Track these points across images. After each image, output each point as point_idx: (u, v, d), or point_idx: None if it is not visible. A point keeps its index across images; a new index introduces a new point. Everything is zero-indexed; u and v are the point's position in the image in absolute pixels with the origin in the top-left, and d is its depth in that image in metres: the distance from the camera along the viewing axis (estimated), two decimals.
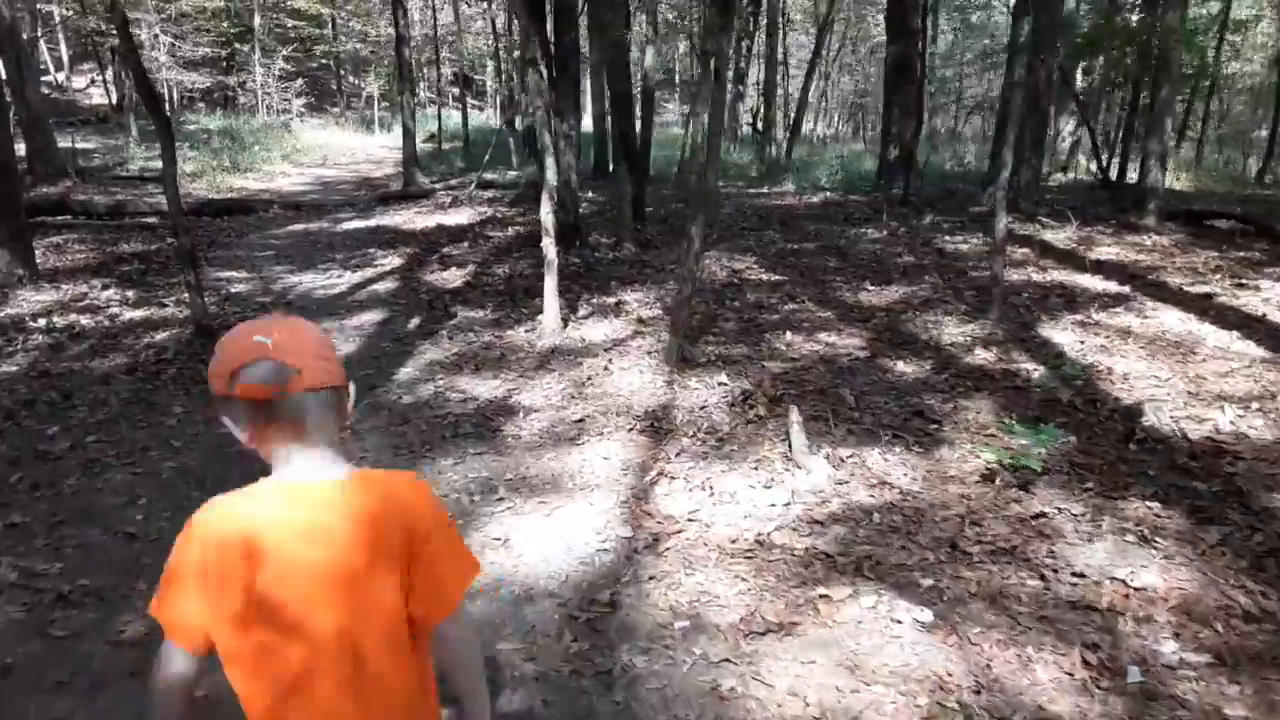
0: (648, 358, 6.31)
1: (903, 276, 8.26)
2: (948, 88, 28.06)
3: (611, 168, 18.29)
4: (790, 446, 4.52)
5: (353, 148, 25.82)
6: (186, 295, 7.86)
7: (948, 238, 9.96)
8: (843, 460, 4.42)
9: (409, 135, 17.08)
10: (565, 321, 7.25)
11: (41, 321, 8.08)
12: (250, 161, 21.11)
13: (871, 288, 7.90)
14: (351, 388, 1.43)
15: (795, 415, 4.56)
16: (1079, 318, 6.70)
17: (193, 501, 4.03)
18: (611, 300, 8.06)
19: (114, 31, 22.93)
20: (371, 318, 8.03)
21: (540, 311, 7.75)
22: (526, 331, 7.26)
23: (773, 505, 4.02)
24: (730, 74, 21.81)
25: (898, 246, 9.69)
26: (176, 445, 5.23)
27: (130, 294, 9.23)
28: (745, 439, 4.80)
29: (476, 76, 36.30)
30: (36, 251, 10.78)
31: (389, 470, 1.47)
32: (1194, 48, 14.32)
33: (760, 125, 26.07)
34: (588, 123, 18.11)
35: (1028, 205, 11.09)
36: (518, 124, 24.41)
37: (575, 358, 6.49)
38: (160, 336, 7.66)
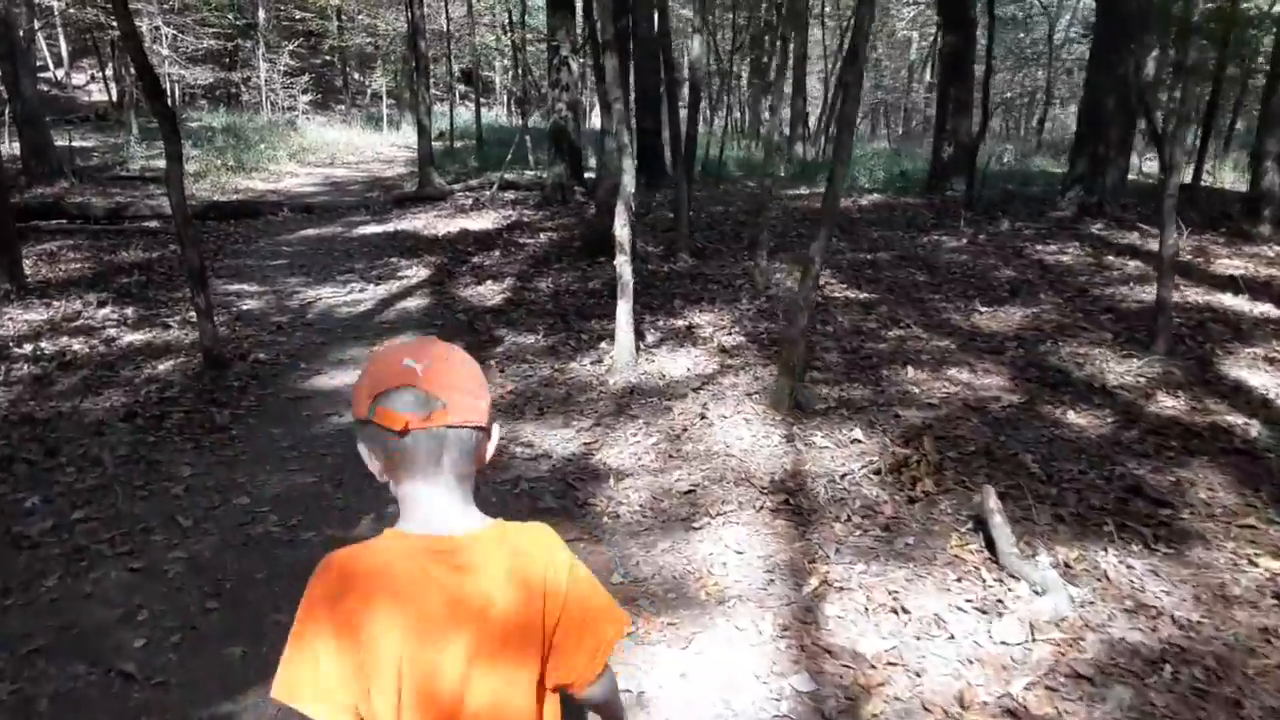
0: (749, 401, 5.18)
1: (1013, 295, 7.13)
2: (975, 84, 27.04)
3: (637, 166, 17.16)
4: (989, 544, 3.40)
5: (361, 146, 24.62)
6: (194, 317, 6.72)
7: (1039, 247, 8.83)
8: (1068, 567, 3.30)
9: (424, 133, 15.91)
10: (635, 349, 6.13)
11: (28, 347, 6.93)
12: (256, 161, 19.92)
13: (984, 309, 6.77)
14: (495, 430, 1.26)
15: (993, 502, 3.43)
16: (1259, 351, 5.58)
17: (208, 618, 2.75)
18: (681, 323, 6.94)
19: (114, 25, 21.78)
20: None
21: (601, 337, 6.63)
22: (592, 364, 6.13)
23: (1004, 644, 2.89)
24: (746, 70, 20.63)
25: (987, 257, 8.56)
26: (185, 525, 4.10)
27: (130, 312, 8.10)
28: (919, 527, 3.68)
29: (484, 73, 35.07)
30: (27, 262, 9.63)
31: (523, 524, 1.26)
32: None
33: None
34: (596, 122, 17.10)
35: (1113, 209, 9.98)
36: (532, 121, 23.27)
37: (659, 399, 5.37)
38: (164, 367, 6.53)
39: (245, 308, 8.39)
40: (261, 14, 28.34)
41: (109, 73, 27.36)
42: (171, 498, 4.39)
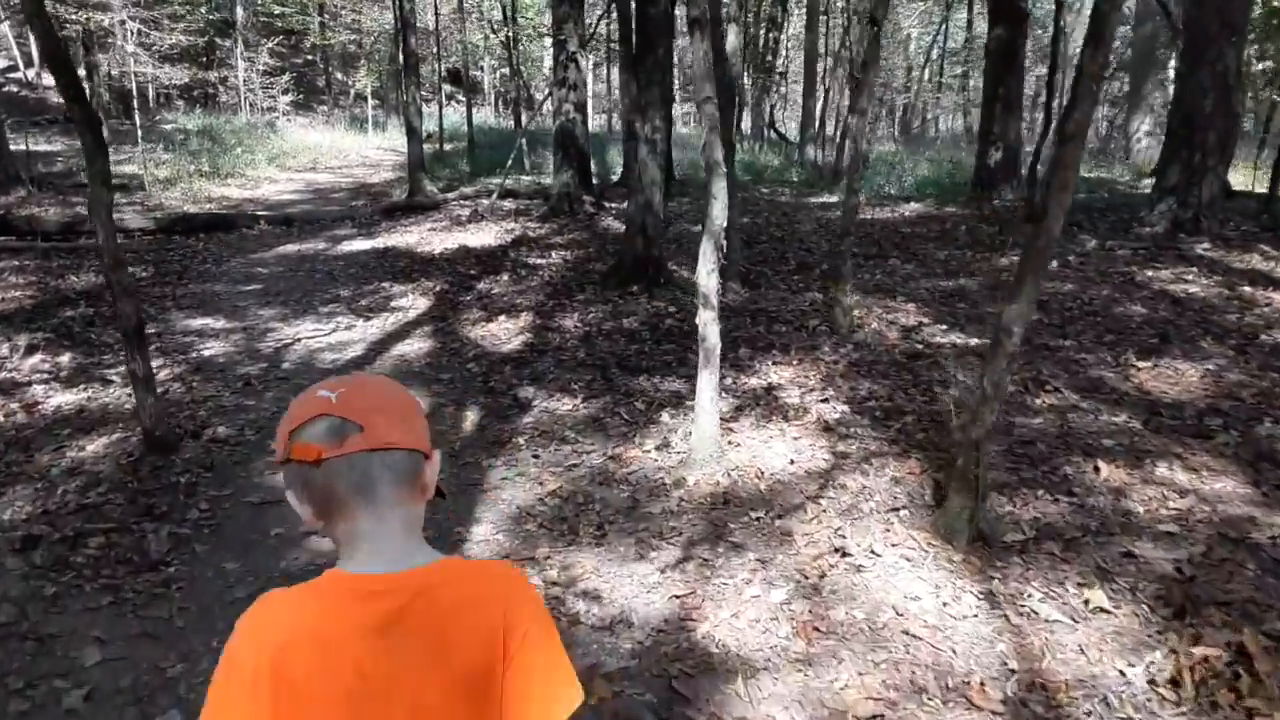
0: (900, 524, 3.59)
1: (1164, 342, 5.57)
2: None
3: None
4: None
5: (345, 149, 22.83)
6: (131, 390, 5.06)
7: (1149, 273, 7.30)
8: None
9: (414, 135, 14.22)
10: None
11: None
12: (232, 166, 18.13)
13: (1140, 363, 5.22)
14: (435, 455, 1.09)
15: None
16: None
17: None
18: (757, 382, 5.34)
19: (85, 20, 19.94)
20: None
21: (659, 402, 5.04)
22: (657, 448, 4.52)
23: None
24: (747, 67, 19.04)
25: (1097, 286, 7.02)
26: None
27: (65, 359, 6.46)
28: None
29: (472, 73, 33.26)
30: None
31: (478, 560, 1.18)
32: None
33: (779, 127, 23.41)
34: (598, 122, 15.38)
35: (1211, 225, 8.47)
36: (526, 123, 21.56)
37: (765, 514, 3.77)
38: (94, 447, 4.88)
39: (207, 353, 6.73)
40: (240, 10, 26.44)
41: (82, 72, 25.40)
42: (69, 697, 2.77)
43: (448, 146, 21.38)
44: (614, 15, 15.83)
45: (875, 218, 11.32)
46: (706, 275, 3.98)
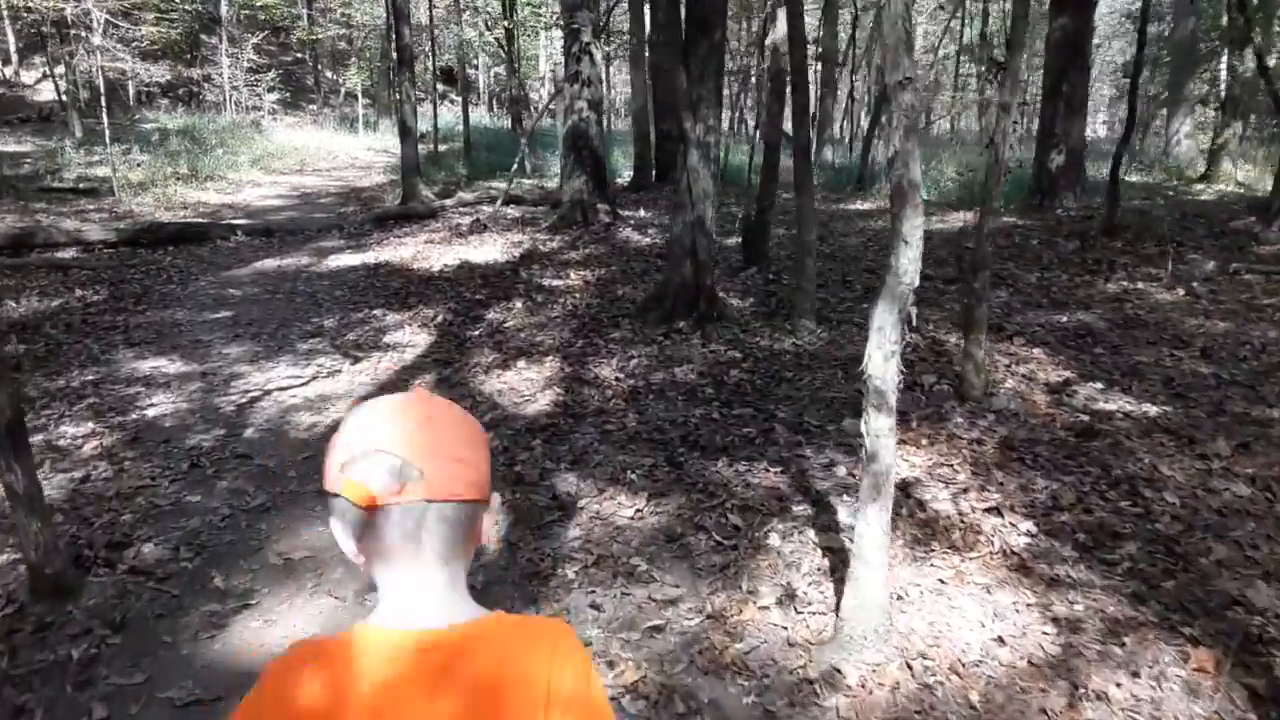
0: None
1: None
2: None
3: (655, 175, 14.02)
4: None
5: (334, 150, 21.14)
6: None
7: None
8: None
9: (409, 136, 12.62)
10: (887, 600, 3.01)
11: None
12: (212, 168, 16.45)
13: None
14: (496, 501, 0.97)
15: None
16: None
17: None
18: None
19: (48, 8, 18.14)
20: None
21: (754, 509, 3.51)
22: (778, 602, 2.98)
23: None
24: (757, 67, 17.44)
25: (1249, 324, 5.54)
26: None
27: None
28: None
29: (466, 70, 31.52)
30: None
31: (528, 618, 0.99)
32: None
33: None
34: (614, 124, 13.82)
35: None
36: (525, 123, 19.90)
37: None
38: None
39: (152, 412, 5.16)
40: (225, 5, 24.67)
41: (61, 69, 23.58)
42: None
43: (442, 148, 19.74)
44: (628, 1, 14.22)
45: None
46: (882, 361, 2.45)
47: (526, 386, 5.23)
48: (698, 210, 5.74)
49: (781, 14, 7.55)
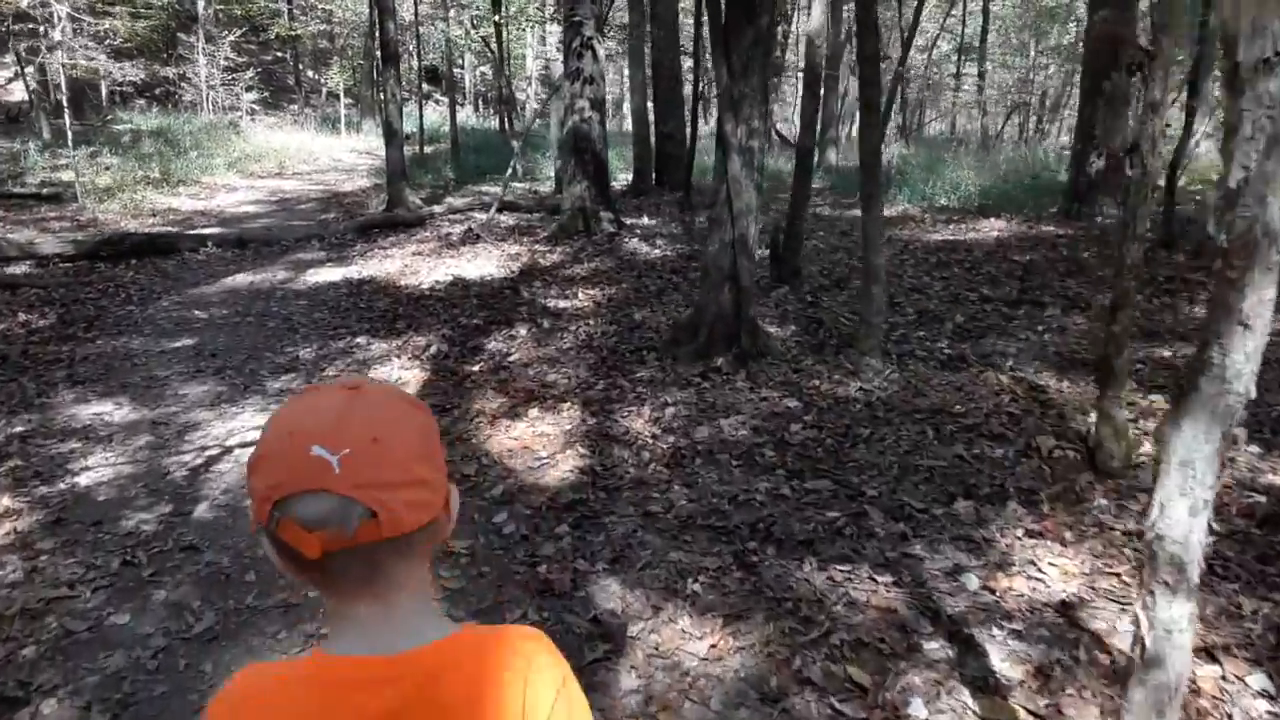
0: None
1: None
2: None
3: (655, 179, 13.02)
4: None
5: (315, 152, 19.98)
6: None
7: None
8: None
9: (394, 137, 11.56)
10: None
11: None
12: (186, 171, 15.31)
13: None
14: (454, 496, 0.83)
15: None
16: None
17: None
18: (1027, 588, 2.86)
19: (31, 9, 16.82)
20: None
21: (873, 647, 2.54)
22: None
23: None
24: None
25: None
26: None
27: None
28: None
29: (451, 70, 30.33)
30: None
31: (498, 629, 0.86)
32: None
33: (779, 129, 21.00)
34: (619, 124, 12.80)
35: None
36: (517, 124, 18.83)
37: None
38: None
39: (86, 480, 4.14)
40: (201, 2, 23.42)
41: (31, 68, 22.22)
42: None
43: (428, 149, 18.66)
44: None
45: (954, 238, 8.90)
46: (1186, 517, 1.47)
47: (543, 444, 4.23)
48: (740, 228, 4.76)
49: (818, 5, 6.59)
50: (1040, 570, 2.91)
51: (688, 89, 12.73)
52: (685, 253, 8.72)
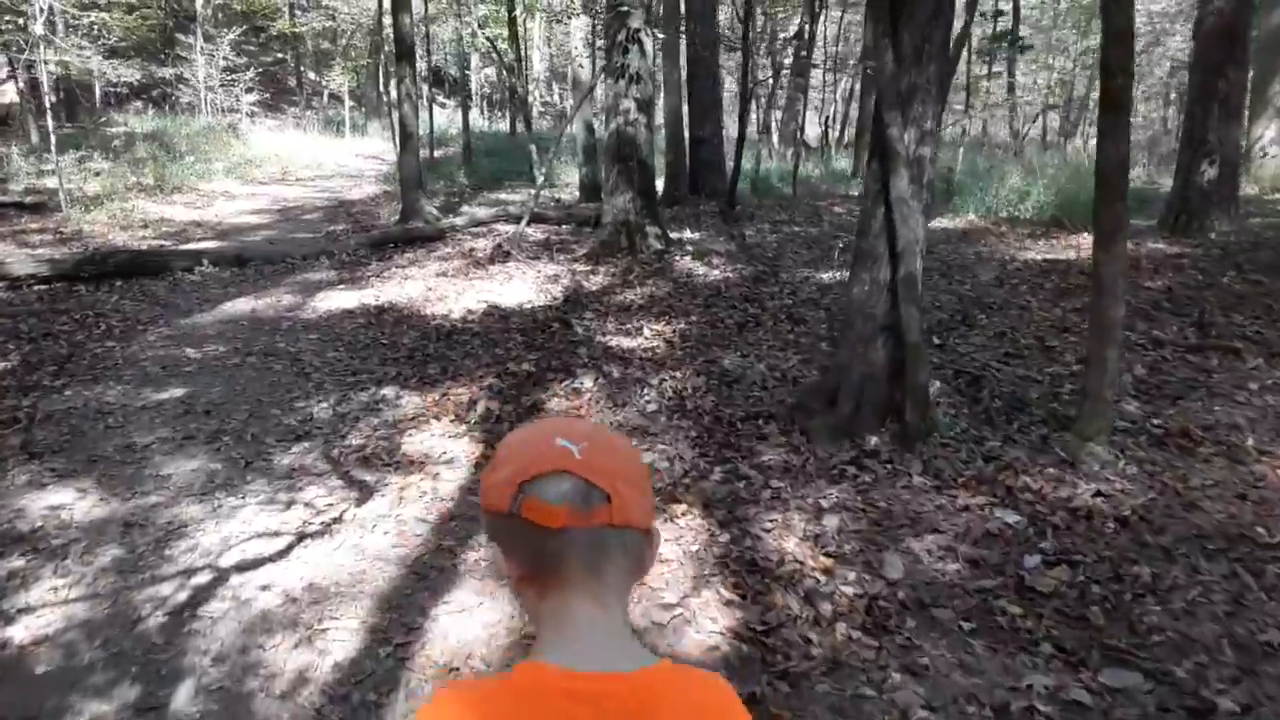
0: None
1: None
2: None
3: (690, 186, 11.71)
4: None
5: (319, 156, 18.56)
6: None
7: None
8: None
9: (409, 142, 10.24)
10: None
11: None
12: (181, 177, 13.94)
13: None
14: (657, 535, 0.85)
15: None
16: None
17: None
18: None
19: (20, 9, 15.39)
20: None
21: None
22: None
23: None
24: (775, 63, 15.14)
25: None
26: None
27: None
28: None
29: (455, 71, 28.98)
30: None
31: (692, 669, 0.84)
32: None
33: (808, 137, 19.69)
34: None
35: None
36: (536, 126, 17.44)
37: None
38: None
39: (22, 628, 2.83)
40: (200, 0, 21.99)
41: (19, 66, 20.75)
42: None
43: (437, 153, 17.31)
44: None
45: (1051, 256, 7.63)
46: None
47: (663, 577, 2.94)
48: (906, 266, 3.47)
49: None
50: None
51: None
52: (749, 274, 7.43)
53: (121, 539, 3.48)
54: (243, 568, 3.23)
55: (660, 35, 8.32)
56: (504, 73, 18.21)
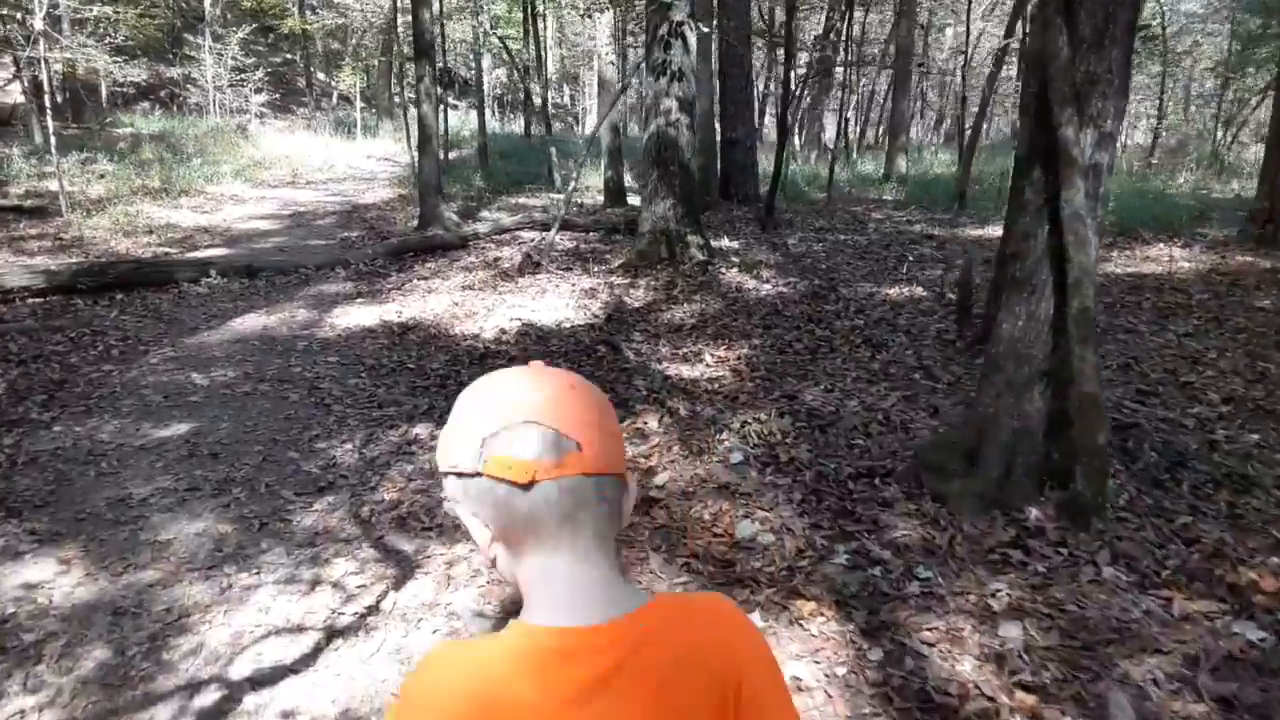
0: None
1: None
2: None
3: (721, 190, 10.99)
4: None
5: (330, 158, 17.82)
6: None
7: None
8: None
9: (428, 145, 9.53)
10: None
11: None
12: (188, 180, 13.21)
13: None
14: (632, 481, 0.79)
15: None
16: None
17: None
18: None
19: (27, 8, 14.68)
20: None
21: None
22: None
23: None
24: (808, 65, 14.41)
25: None
26: None
27: None
28: None
29: (465, 71, 28.26)
30: None
31: (688, 596, 0.85)
32: None
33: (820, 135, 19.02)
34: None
35: None
36: (554, 130, 16.72)
37: None
38: None
39: None
40: (208, 1, 21.26)
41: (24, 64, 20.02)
42: None
43: (451, 156, 16.59)
44: None
45: (1134, 270, 6.91)
46: None
47: (806, 717, 2.21)
48: (1081, 299, 2.75)
49: None
50: None
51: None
52: (804, 289, 6.72)
53: (109, 634, 2.77)
54: (258, 682, 2.51)
55: (704, 29, 7.56)
56: (516, 73, 17.48)
